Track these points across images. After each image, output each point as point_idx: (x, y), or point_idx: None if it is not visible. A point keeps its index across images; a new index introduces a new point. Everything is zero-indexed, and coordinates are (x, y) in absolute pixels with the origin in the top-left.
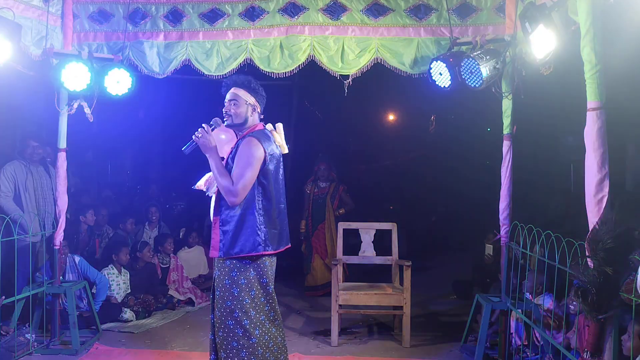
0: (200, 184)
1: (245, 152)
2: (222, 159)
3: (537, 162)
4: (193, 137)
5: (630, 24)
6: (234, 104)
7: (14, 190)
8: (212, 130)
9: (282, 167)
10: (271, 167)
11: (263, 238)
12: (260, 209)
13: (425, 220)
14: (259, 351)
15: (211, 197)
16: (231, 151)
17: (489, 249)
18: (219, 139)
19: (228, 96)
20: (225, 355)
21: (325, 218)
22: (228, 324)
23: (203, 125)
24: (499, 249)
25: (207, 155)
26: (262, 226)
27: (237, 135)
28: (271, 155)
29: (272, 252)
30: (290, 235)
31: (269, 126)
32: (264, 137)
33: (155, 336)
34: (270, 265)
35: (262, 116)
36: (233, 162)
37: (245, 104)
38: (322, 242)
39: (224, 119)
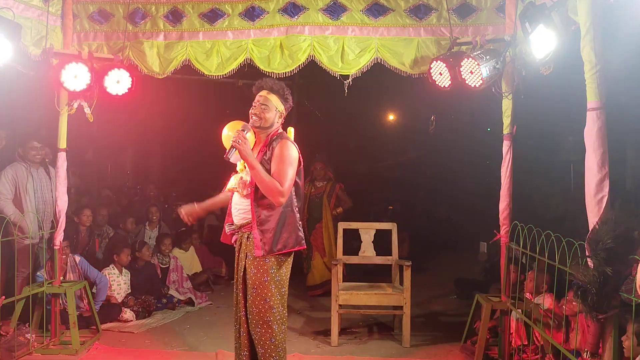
0: (234, 187)
1: (286, 153)
2: None
3: (537, 162)
4: (232, 142)
5: (630, 24)
6: (264, 108)
7: (14, 193)
8: (245, 134)
9: None
10: (300, 169)
11: (302, 234)
12: (296, 206)
13: (425, 220)
14: (284, 345)
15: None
16: (263, 152)
17: (482, 246)
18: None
19: (260, 99)
20: (264, 351)
21: (323, 217)
22: (267, 320)
23: (236, 131)
24: (497, 248)
25: (247, 160)
26: (299, 222)
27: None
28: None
29: (304, 247)
30: None
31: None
32: (291, 141)
33: (155, 336)
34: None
35: (282, 122)
36: (268, 164)
37: (275, 110)
38: (320, 241)
39: (251, 118)
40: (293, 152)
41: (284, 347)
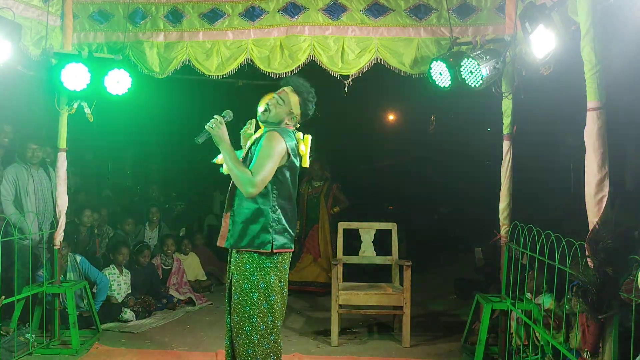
0: (221, 159)
1: (267, 145)
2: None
3: (537, 162)
4: (206, 127)
5: (630, 24)
6: (279, 102)
7: (14, 194)
8: (225, 121)
9: (297, 173)
10: (290, 164)
11: (274, 236)
12: (275, 205)
13: (425, 220)
14: (271, 357)
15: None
16: (253, 143)
17: (478, 252)
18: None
19: (280, 92)
20: None
21: (319, 218)
22: (245, 330)
23: (215, 116)
24: (494, 249)
25: (220, 146)
26: (274, 224)
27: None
28: (293, 151)
29: (286, 250)
30: None
31: (299, 134)
32: (287, 135)
33: (155, 336)
34: (287, 266)
35: (298, 125)
36: (254, 155)
37: (289, 110)
38: (316, 243)
39: (262, 110)
40: (277, 145)
41: (265, 359)
